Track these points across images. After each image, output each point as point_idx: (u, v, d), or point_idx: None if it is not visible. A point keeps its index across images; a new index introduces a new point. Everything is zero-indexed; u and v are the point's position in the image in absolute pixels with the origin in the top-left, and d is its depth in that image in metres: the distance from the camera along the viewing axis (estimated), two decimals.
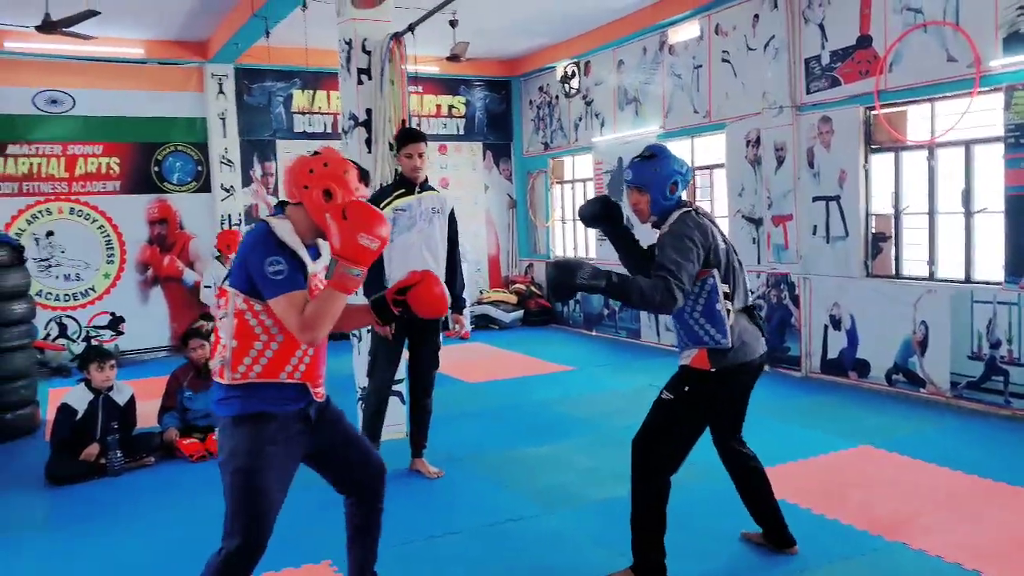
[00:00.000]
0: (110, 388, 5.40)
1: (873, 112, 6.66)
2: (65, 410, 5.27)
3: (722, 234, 3.39)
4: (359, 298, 3.64)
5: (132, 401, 5.54)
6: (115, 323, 9.74)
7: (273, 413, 2.60)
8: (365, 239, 2.46)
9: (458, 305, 4.99)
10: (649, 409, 3.45)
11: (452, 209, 5.00)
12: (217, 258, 8.52)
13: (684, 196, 3.43)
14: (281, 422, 2.62)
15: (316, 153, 2.66)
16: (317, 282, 2.65)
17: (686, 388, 3.33)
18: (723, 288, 3.25)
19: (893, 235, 6.71)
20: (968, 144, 6.06)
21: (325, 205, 2.54)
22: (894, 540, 3.78)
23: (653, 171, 3.33)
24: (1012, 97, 5.62)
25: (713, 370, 3.28)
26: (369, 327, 4.83)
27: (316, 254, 2.72)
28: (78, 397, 5.32)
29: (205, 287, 8.26)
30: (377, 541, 3.01)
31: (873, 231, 6.85)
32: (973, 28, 5.84)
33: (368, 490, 2.93)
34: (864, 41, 6.69)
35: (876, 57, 6.57)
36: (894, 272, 6.73)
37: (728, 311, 3.25)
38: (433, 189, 4.96)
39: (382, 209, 4.70)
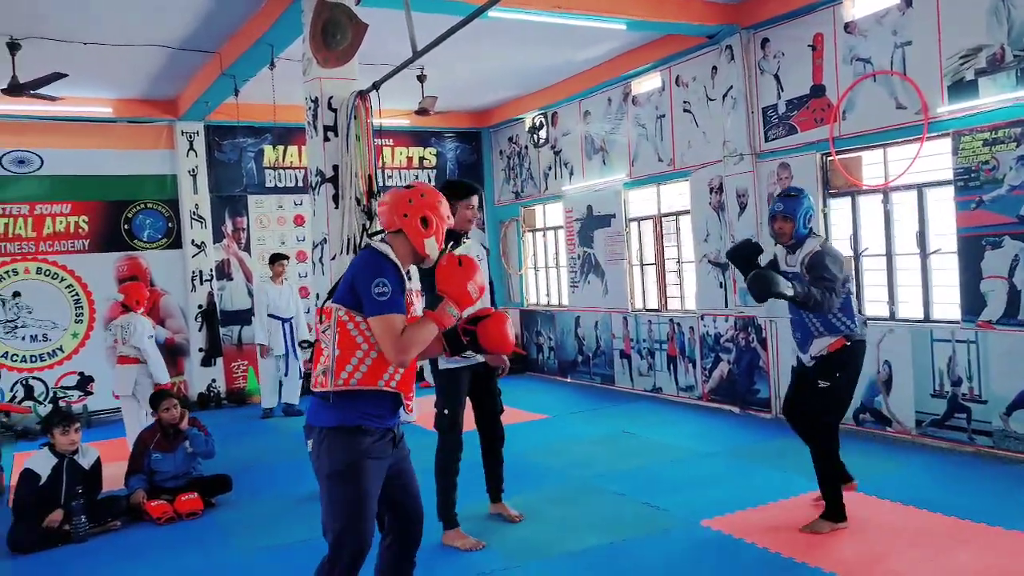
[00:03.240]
0: (75, 452, 5.33)
1: (829, 158, 6.85)
2: (27, 476, 5.19)
3: None
4: None
5: (98, 464, 5.47)
6: (83, 383, 9.62)
7: (369, 428, 2.84)
8: (472, 287, 2.89)
9: None
10: (809, 395, 4.52)
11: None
12: (124, 309, 7.42)
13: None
14: (375, 437, 2.85)
15: (410, 186, 3.01)
16: (414, 297, 2.93)
17: (836, 375, 4.42)
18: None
19: (854, 276, 6.85)
20: (920, 187, 6.24)
21: (423, 231, 2.92)
22: None
23: (799, 205, 4.41)
24: (959, 142, 5.82)
25: (849, 344, 4.40)
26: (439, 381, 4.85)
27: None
28: (41, 462, 5.24)
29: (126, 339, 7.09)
30: None
31: None
32: (920, 77, 6.06)
33: (409, 536, 3.05)
34: (818, 90, 6.91)
35: (829, 105, 6.79)
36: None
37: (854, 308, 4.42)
38: (468, 239, 5.11)
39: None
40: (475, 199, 4.93)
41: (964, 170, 5.79)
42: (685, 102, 8.39)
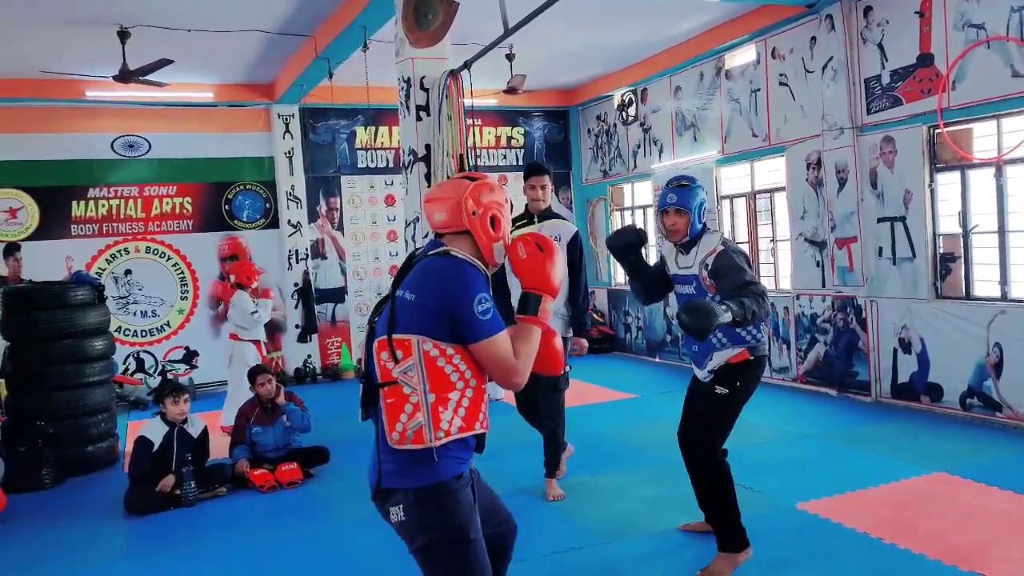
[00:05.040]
0: (184, 421, 5.61)
1: (937, 131, 6.53)
2: (142, 443, 5.49)
3: None
4: None
5: (205, 433, 5.74)
6: (189, 357, 10.10)
7: (465, 473, 2.35)
8: (558, 272, 2.44)
9: (580, 327, 5.16)
10: (703, 407, 3.92)
11: (576, 234, 5.17)
12: (238, 287, 7.72)
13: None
14: (469, 480, 2.37)
15: (474, 178, 2.47)
16: None
17: (738, 383, 3.80)
18: None
19: (962, 255, 6.53)
20: None
21: (492, 235, 2.41)
22: (969, 571, 3.66)
23: (694, 197, 3.81)
24: None
25: (752, 358, 3.81)
26: None
27: None
28: (154, 430, 5.54)
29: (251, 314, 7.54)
30: None
31: (941, 251, 6.68)
32: None
33: (504, 550, 2.61)
34: (925, 59, 6.58)
35: (938, 75, 6.46)
36: (964, 293, 6.53)
37: None
38: (557, 217, 5.20)
39: None
40: (535, 179, 5.05)
41: None
42: (781, 75, 8.12)
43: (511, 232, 4.62)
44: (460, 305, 2.24)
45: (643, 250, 4.13)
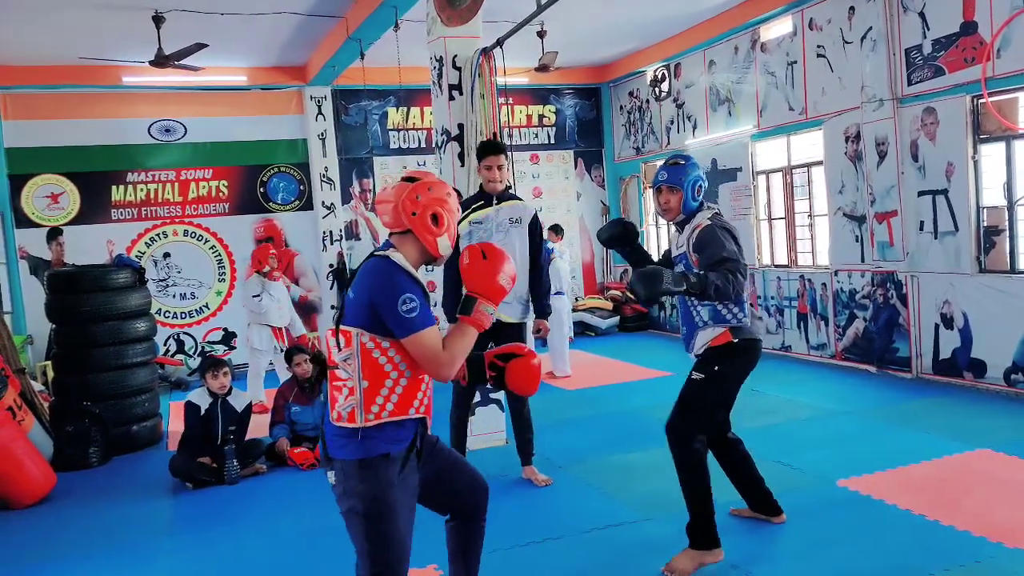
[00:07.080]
0: (227, 393, 5.71)
1: (981, 101, 6.36)
2: (190, 407, 5.67)
3: None
4: None
5: (248, 409, 5.85)
6: (227, 338, 10.25)
7: (396, 454, 2.56)
8: (503, 278, 2.60)
9: (542, 310, 5.02)
10: (682, 391, 3.84)
11: (535, 215, 4.97)
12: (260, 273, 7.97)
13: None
14: (400, 461, 2.58)
15: (413, 179, 2.64)
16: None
17: (716, 367, 3.72)
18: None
19: (1007, 228, 6.38)
20: None
21: (435, 230, 2.59)
22: (1015, 547, 3.61)
23: (686, 174, 3.78)
24: None
25: (735, 340, 3.70)
26: None
27: None
28: (200, 397, 5.70)
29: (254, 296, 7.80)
30: (479, 556, 2.95)
31: (985, 224, 6.54)
32: None
33: (473, 511, 2.87)
34: (969, 27, 6.40)
35: (982, 43, 6.28)
36: (1009, 267, 6.39)
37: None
38: (516, 199, 4.96)
39: (459, 223, 4.77)
40: (491, 159, 4.75)
41: None
42: (819, 46, 7.97)
43: (471, 214, 4.65)
44: (386, 305, 2.46)
45: (637, 241, 4.12)
